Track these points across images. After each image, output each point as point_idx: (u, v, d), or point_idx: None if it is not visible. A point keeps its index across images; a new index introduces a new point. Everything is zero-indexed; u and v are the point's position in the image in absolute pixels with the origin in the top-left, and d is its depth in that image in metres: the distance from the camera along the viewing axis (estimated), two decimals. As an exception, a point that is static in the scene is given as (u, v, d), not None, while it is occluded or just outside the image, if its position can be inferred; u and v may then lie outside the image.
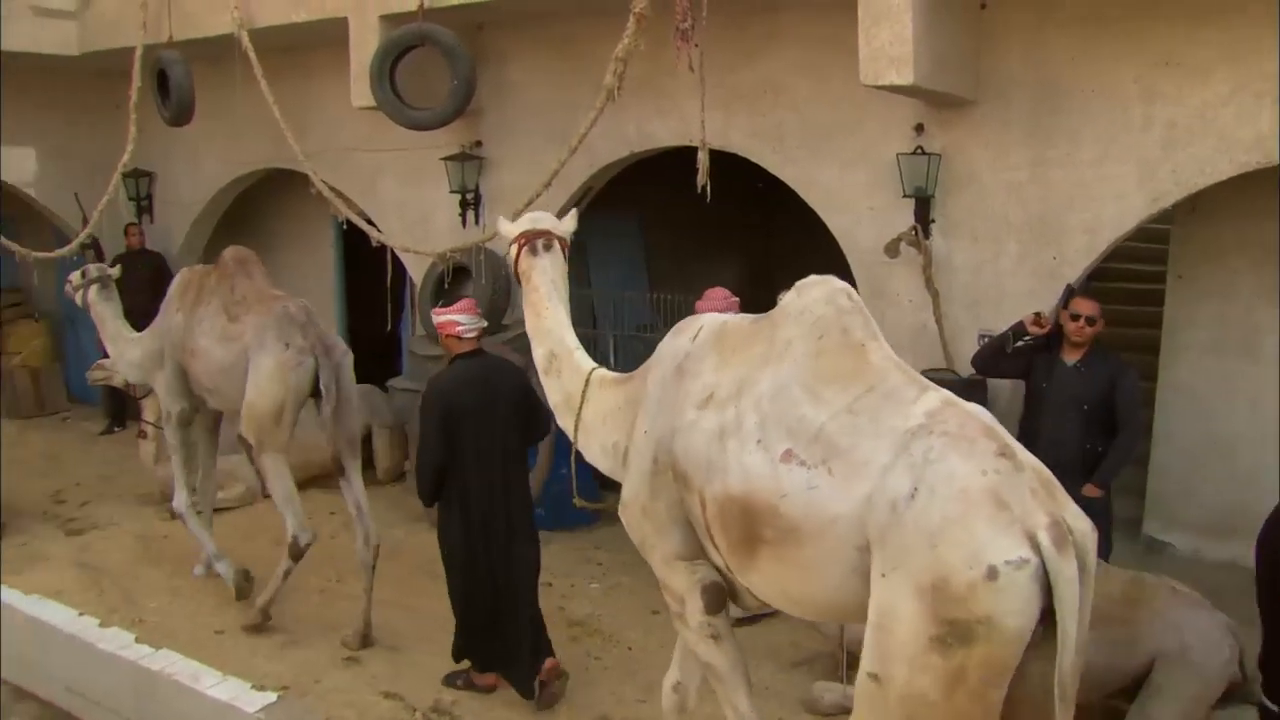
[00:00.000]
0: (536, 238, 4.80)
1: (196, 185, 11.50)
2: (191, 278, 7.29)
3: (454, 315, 5.74)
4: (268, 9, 8.74)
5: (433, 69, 8.03)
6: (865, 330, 3.76)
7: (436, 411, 5.58)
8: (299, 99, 9.91)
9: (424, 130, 8.07)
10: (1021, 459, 3.33)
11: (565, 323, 4.75)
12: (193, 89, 9.14)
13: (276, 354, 6.48)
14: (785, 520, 3.53)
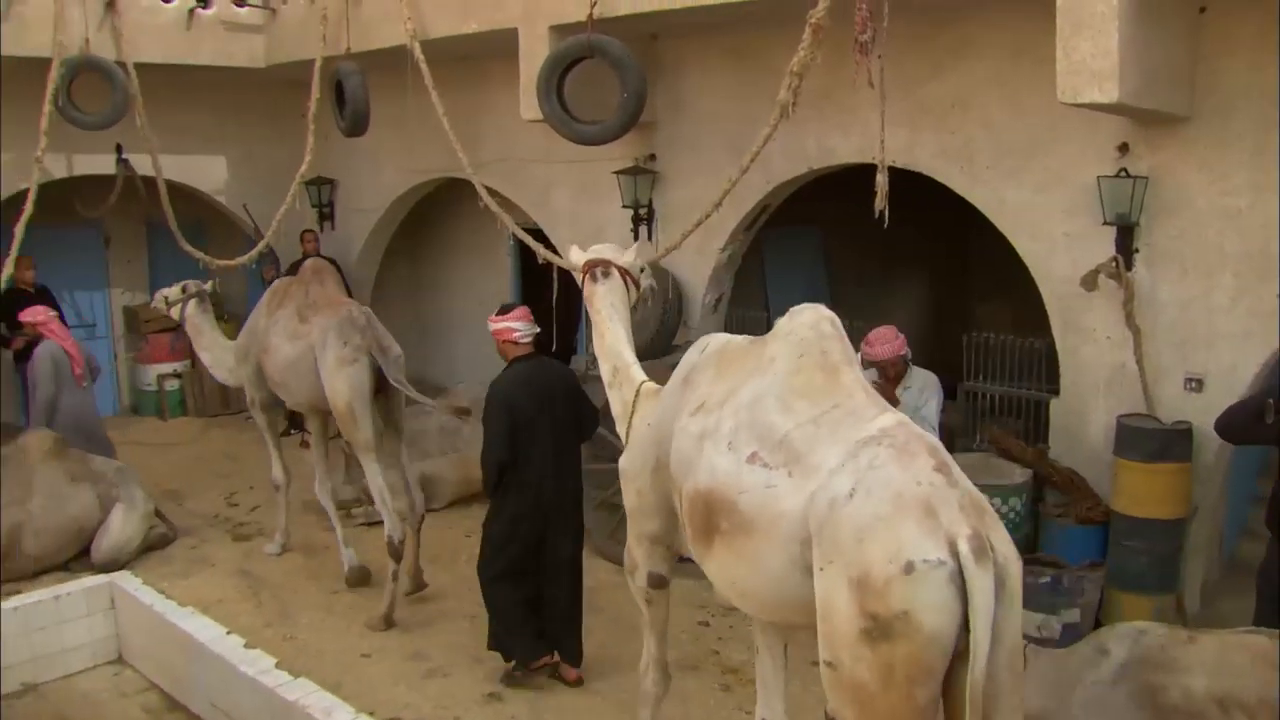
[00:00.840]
0: (599, 266, 5.34)
1: (376, 193, 11.59)
2: (280, 286, 8.01)
3: (510, 322, 6.14)
4: (440, 20, 8.66)
5: (604, 80, 7.76)
6: (841, 354, 4.08)
7: (499, 412, 5.96)
8: (473, 108, 9.86)
9: (592, 145, 7.81)
10: (956, 478, 3.55)
11: (624, 340, 5.29)
12: (368, 100, 9.14)
13: (336, 350, 7.09)
14: (741, 515, 3.87)
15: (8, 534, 7.84)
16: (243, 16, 10.60)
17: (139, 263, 13.02)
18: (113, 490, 8.33)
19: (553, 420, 6.04)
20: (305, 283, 7.74)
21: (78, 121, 9.79)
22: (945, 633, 3.34)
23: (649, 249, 8.63)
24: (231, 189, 12.00)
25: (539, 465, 6.02)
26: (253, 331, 7.93)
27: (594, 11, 7.30)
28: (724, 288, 8.67)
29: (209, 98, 11.50)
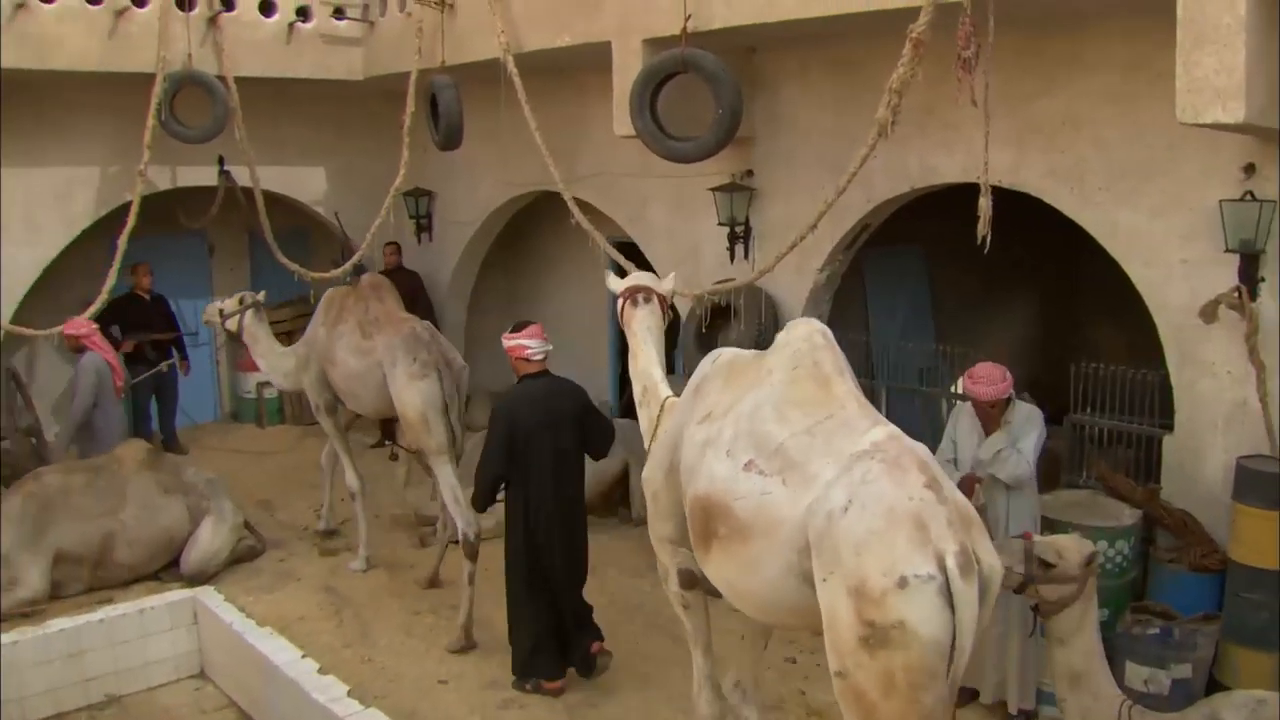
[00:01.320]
0: (637, 292, 5.62)
1: (472, 205, 11.54)
2: (334, 297, 8.36)
3: (522, 340, 6.33)
4: (534, 33, 8.54)
5: (699, 94, 7.55)
6: (834, 365, 4.29)
7: (501, 427, 6.14)
8: (569, 121, 9.73)
9: (686, 163, 7.60)
10: (946, 493, 3.76)
11: (655, 361, 5.52)
12: (461, 114, 9.08)
13: (405, 367, 7.42)
14: (737, 520, 4.07)
15: (101, 543, 7.93)
16: (341, 30, 10.63)
17: (241, 271, 13.17)
18: (203, 502, 8.37)
19: (555, 437, 6.19)
20: (364, 299, 8.07)
21: (179, 135, 9.93)
22: (940, 639, 3.55)
23: (745, 268, 8.43)
24: (331, 200, 12.05)
25: (538, 481, 6.17)
26: (312, 342, 8.31)
27: (688, 25, 7.09)
28: (822, 309, 8.37)
29: (309, 110, 11.59)
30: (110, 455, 8.40)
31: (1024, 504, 5.84)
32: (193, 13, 9.86)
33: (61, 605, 7.68)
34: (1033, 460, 5.74)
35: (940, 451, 6.10)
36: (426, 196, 12.01)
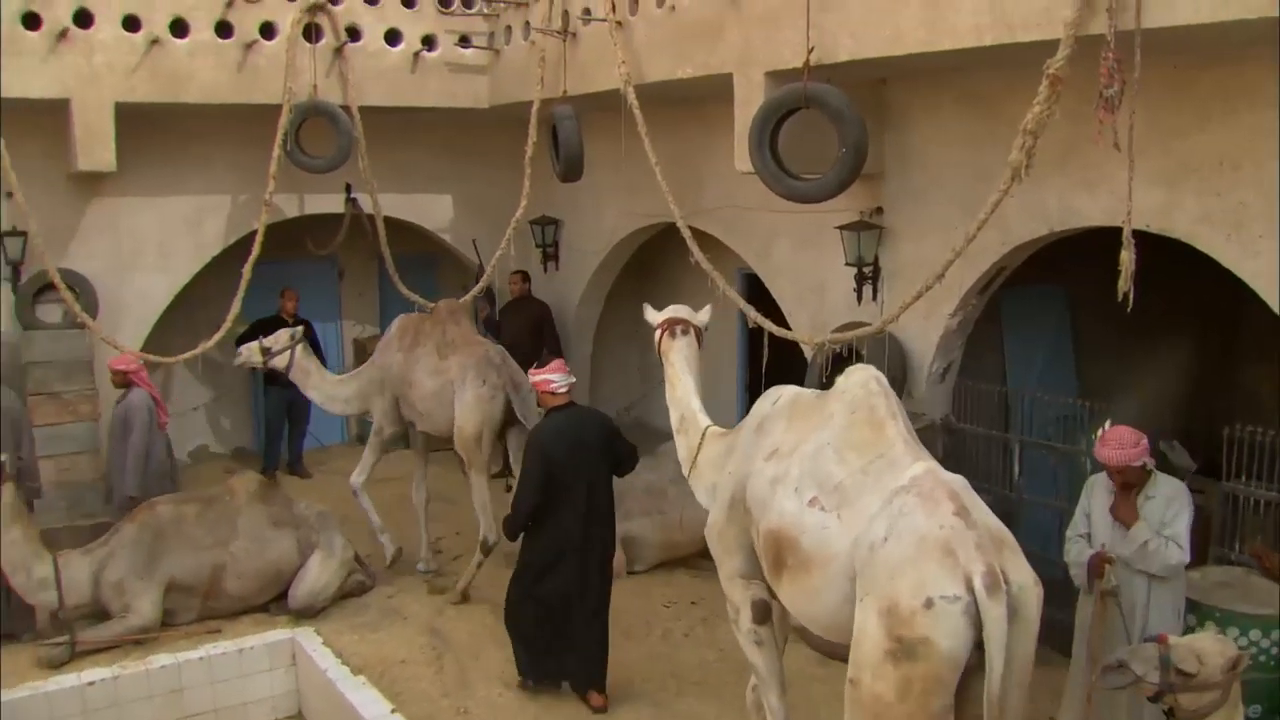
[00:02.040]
0: (675, 324, 6.04)
1: (598, 235, 11.33)
2: (408, 324, 8.98)
3: (548, 374, 6.66)
4: (655, 64, 8.27)
5: (825, 127, 7.15)
6: (887, 409, 4.71)
7: (537, 460, 6.47)
8: (695, 152, 9.45)
9: (807, 203, 7.22)
10: (975, 518, 4.16)
11: (693, 391, 5.93)
12: (580, 146, 8.87)
13: (475, 389, 8.19)
14: (803, 552, 4.55)
15: (211, 574, 7.94)
16: (466, 58, 10.55)
17: (370, 295, 13.26)
18: (313, 536, 8.31)
19: (586, 465, 6.55)
20: (442, 323, 8.74)
21: (304, 165, 9.97)
22: (958, 654, 3.96)
23: (873, 310, 7.99)
24: (458, 227, 12.00)
25: (572, 508, 6.51)
26: (387, 366, 8.83)
27: (811, 58, 6.71)
28: (953, 355, 7.88)
29: (436, 137, 11.56)
30: (223, 486, 8.44)
31: (1168, 593, 5.28)
32: (319, 44, 9.91)
33: (171, 634, 7.74)
34: (1186, 546, 5.18)
35: (1072, 525, 5.60)
36: (553, 225, 11.84)
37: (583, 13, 8.94)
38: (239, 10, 9.56)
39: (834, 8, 6.67)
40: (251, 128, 9.99)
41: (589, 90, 8.97)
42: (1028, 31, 5.66)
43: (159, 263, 10.57)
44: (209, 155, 10.61)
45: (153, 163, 10.35)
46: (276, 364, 9.02)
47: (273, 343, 9.04)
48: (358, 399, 9.09)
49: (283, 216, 10.94)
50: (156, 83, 9.36)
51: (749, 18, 7.34)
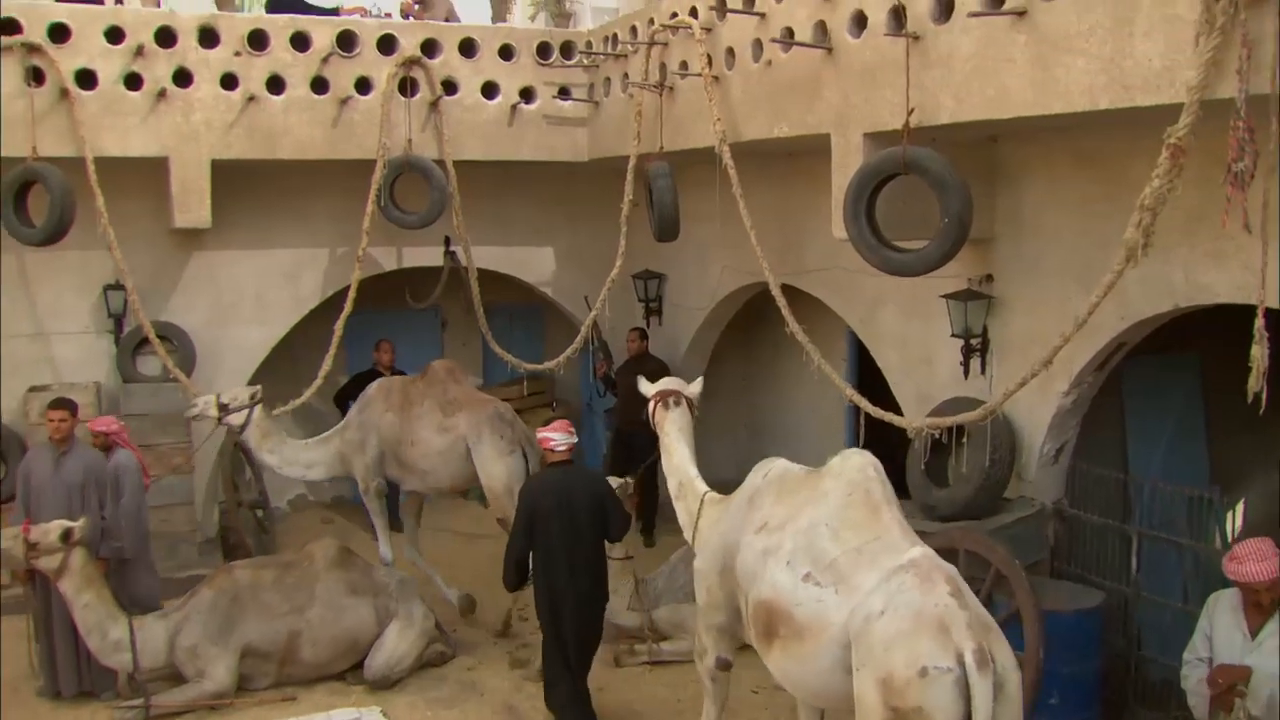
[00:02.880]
0: (669, 396, 6.58)
1: (702, 291, 10.94)
2: (391, 385, 9.07)
3: (550, 433, 6.99)
4: (751, 121, 7.88)
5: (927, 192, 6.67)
6: (883, 495, 5.02)
7: (523, 510, 6.84)
8: (798, 208, 9.04)
9: (906, 276, 6.73)
10: (968, 600, 4.48)
11: (689, 459, 6.43)
12: (675, 205, 8.53)
13: (494, 443, 8.44)
14: (797, 624, 4.82)
15: (287, 641, 7.80)
16: (566, 110, 10.32)
17: (474, 346, 13.06)
18: (392, 604, 8.09)
19: (571, 521, 6.77)
20: (441, 382, 8.84)
21: (398, 221, 9.86)
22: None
23: (981, 384, 7.45)
24: (560, 280, 11.77)
25: (555, 560, 6.78)
26: (371, 427, 8.84)
27: (910, 120, 6.25)
28: (1067, 435, 7.25)
29: (536, 189, 11.36)
30: (302, 552, 8.27)
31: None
32: (414, 98, 9.79)
33: (246, 701, 7.65)
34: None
35: (1190, 647, 5.02)
36: (656, 279, 11.51)
37: (679, 66, 8.61)
38: (334, 66, 9.51)
39: (935, 65, 6.20)
40: (349, 180, 9.92)
41: (686, 146, 8.63)
42: (1147, 94, 5.10)
43: (257, 315, 10.58)
44: (307, 208, 10.58)
45: (251, 216, 10.39)
46: (232, 422, 8.81)
47: (231, 399, 8.83)
48: (325, 465, 9.09)
49: (379, 270, 10.86)
50: (252, 139, 9.37)
51: (847, 75, 6.90)
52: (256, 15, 9.64)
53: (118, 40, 9.02)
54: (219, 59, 9.26)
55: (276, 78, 9.43)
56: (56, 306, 10.07)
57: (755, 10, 7.66)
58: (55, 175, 8.73)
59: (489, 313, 12.94)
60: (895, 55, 6.40)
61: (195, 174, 9.27)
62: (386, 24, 10.02)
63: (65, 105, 8.90)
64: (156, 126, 9.14)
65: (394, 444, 8.76)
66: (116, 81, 9.01)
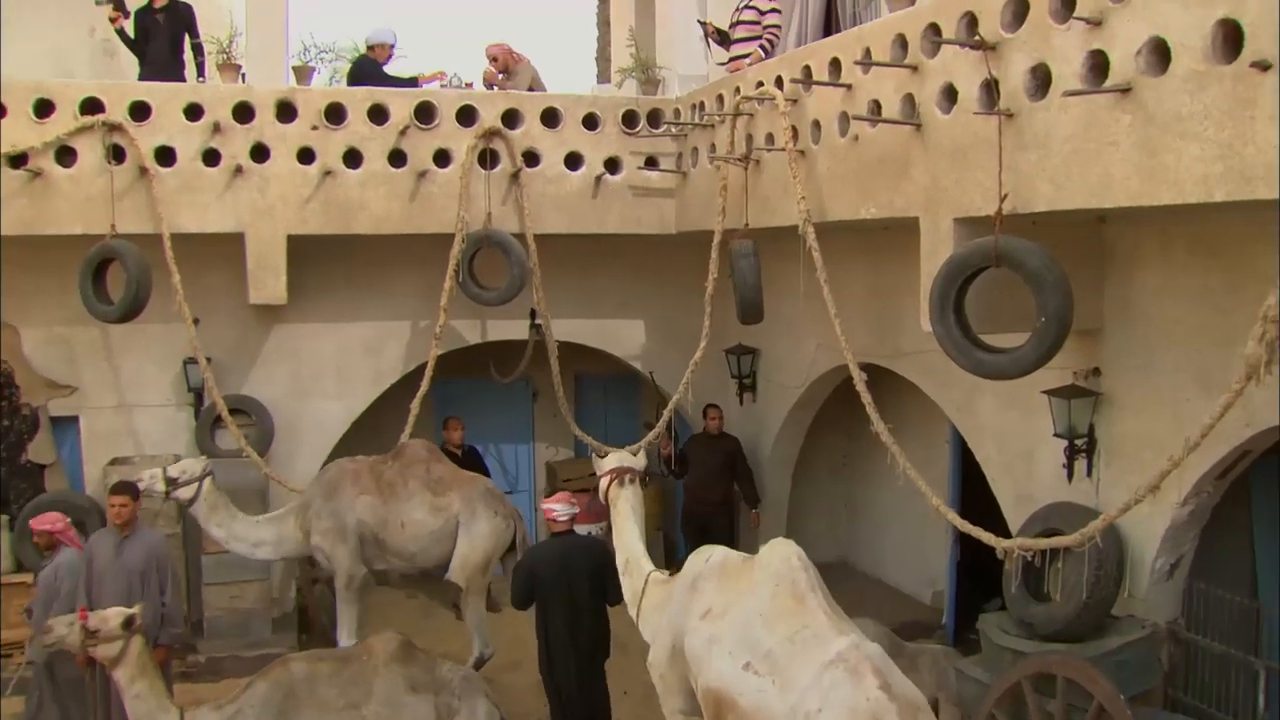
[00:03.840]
0: (623, 473, 6.92)
1: (796, 367, 10.39)
2: (359, 468, 8.80)
3: (552, 504, 7.42)
4: (838, 199, 7.37)
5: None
6: (807, 583, 5.44)
7: (523, 574, 7.39)
8: (893, 285, 8.50)
9: (1000, 380, 6.11)
10: (897, 691, 4.87)
11: (637, 536, 6.72)
12: (758, 288, 8.05)
13: (489, 519, 8.59)
14: (742, 711, 5.25)
15: (344, 740, 7.42)
16: (653, 181, 9.92)
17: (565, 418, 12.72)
18: (454, 702, 7.64)
19: (569, 586, 7.21)
20: (421, 461, 8.78)
21: (476, 297, 9.58)
22: None
23: (1086, 488, 6.76)
24: (650, 354, 11.32)
25: (554, 620, 7.23)
26: (346, 512, 8.58)
27: (1003, 206, 5.67)
28: (1184, 549, 6.50)
29: (624, 260, 10.95)
30: (362, 645, 7.92)
31: None
32: (495, 170, 9.51)
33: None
34: None
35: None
36: (750, 354, 11.01)
37: (765, 139, 8.15)
38: (412, 138, 9.30)
39: (1031, 146, 5.61)
40: (431, 251, 9.68)
41: (772, 224, 8.15)
42: (1271, 186, 4.48)
43: (337, 389, 10.40)
44: (388, 280, 10.38)
45: (332, 289, 10.25)
46: (180, 496, 8.44)
47: (179, 472, 8.45)
48: (274, 545, 8.79)
49: (463, 344, 10.60)
50: (328, 214, 9.21)
51: (936, 154, 6.34)
52: (334, 88, 9.48)
53: (196, 117, 8.97)
54: (296, 133, 9.12)
55: (354, 151, 9.26)
56: (138, 379, 10.06)
57: (841, 82, 7.17)
58: (132, 253, 8.68)
59: (581, 383, 12.72)
60: (987, 134, 5.85)
61: (270, 250, 9.13)
62: (466, 94, 9.79)
63: (144, 182, 8.86)
64: (233, 202, 9.04)
65: (377, 527, 8.62)
66: (194, 158, 8.95)
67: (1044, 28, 5.50)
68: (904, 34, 6.61)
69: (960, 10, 6.08)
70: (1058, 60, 5.43)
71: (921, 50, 6.44)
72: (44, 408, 10.00)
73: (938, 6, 6.31)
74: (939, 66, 6.30)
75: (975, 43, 5.85)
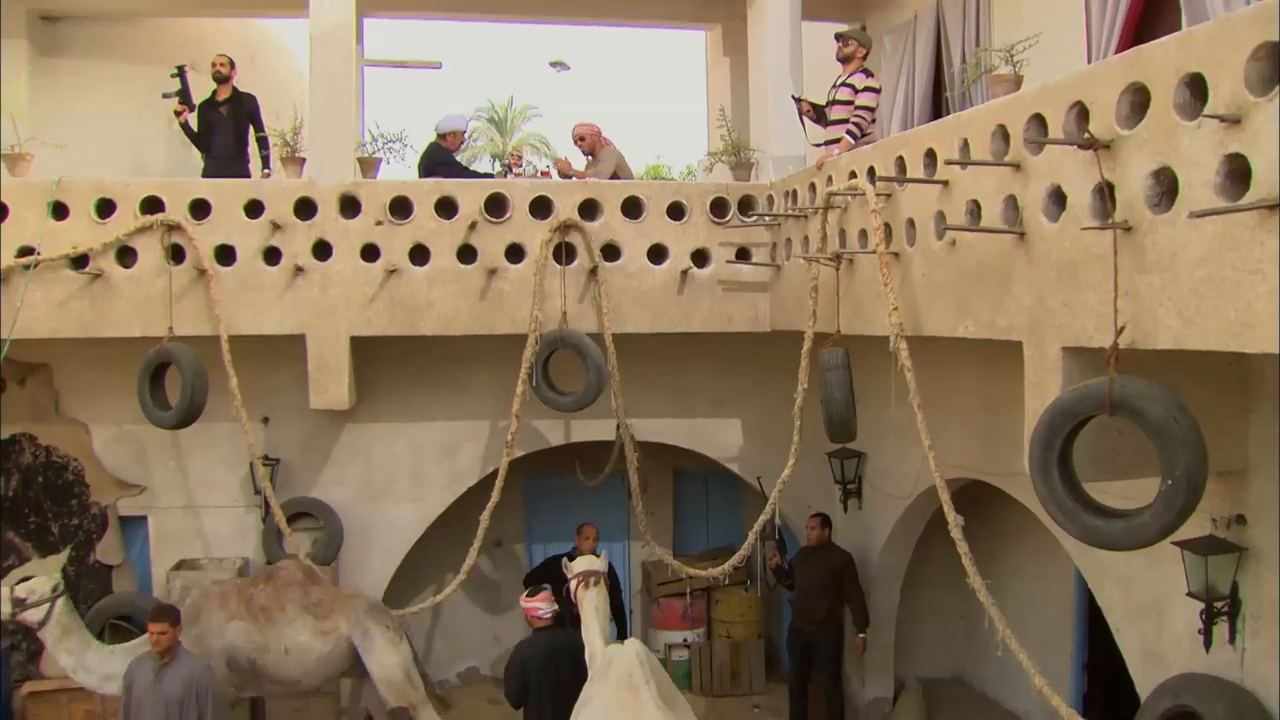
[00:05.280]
0: (588, 576, 7.53)
1: (904, 476, 9.40)
2: (226, 591, 8.33)
3: (535, 603, 7.73)
4: (934, 311, 6.47)
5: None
6: (641, 677, 6.29)
7: (515, 668, 7.71)
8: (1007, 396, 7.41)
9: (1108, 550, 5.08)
10: None
11: (598, 632, 7.26)
12: (847, 405, 7.17)
13: (383, 635, 8.30)
14: None
15: None
16: (745, 274, 9.09)
17: (664, 515, 11.95)
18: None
19: (557, 677, 7.60)
20: (297, 583, 8.37)
21: (551, 402, 8.90)
22: None
23: (1228, 657, 5.67)
24: (748, 455, 10.46)
25: (545, 710, 7.59)
26: (213, 639, 8.05)
27: (1119, 340, 4.70)
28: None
29: (718, 354, 10.11)
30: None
31: None
32: (572, 265, 8.83)
33: None
34: None
35: None
36: (855, 458, 10.06)
37: (858, 236, 7.29)
38: (483, 232, 8.69)
39: (1154, 268, 4.64)
40: (510, 347, 9.03)
41: (866, 331, 7.28)
42: None
43: (410, 492, 9.85)
44: (464, 378, 9.80)
45: (405, 387, 9.76)
46: (28, 619, 7.65)
47: (27, 592, 7.67)
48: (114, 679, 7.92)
49: (544, 446, 9.93)
50: (392, 314, 8.67)
51: (1042, 268, 5.40)
52: (398, 181, 8.95)
53: (257, 214, 8.57)
54: (359, 229, 8.63)
55: (420, 247, 8.71)
56: (207, 479, 9.70)
57: (936, 179, 6.28)
58: (188, 357, 8.29)
59: (680, 479, 11.97)
60: (1101, 250, 4.90)
61: (332, 352, 8.62)
62: (540, 184, 9.17)
63: (203, 283, 8.45)
64: (293, 302, 8.58)
65: (254, 653, 8.11)
66: (254, 256, 8.54)
67: (1169, 125, 4.53)
68: (1005, 125, 5.72)
69: (1068, 100, 5.17)
70: (1186, 165, 4.45)
71: (1024, 145, 5.53)
72: (113, 507, 9.71)
73: (1042, 94, 5.42)
74: (1045, 166, 5.38)
75: (1085, 141, 4.92)
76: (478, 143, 46.42)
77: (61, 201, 8.43)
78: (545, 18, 12.39)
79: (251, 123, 9.43)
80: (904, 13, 10.38)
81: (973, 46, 8.87)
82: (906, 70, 9.95)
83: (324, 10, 8.69)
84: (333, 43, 8.73)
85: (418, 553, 10.14)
